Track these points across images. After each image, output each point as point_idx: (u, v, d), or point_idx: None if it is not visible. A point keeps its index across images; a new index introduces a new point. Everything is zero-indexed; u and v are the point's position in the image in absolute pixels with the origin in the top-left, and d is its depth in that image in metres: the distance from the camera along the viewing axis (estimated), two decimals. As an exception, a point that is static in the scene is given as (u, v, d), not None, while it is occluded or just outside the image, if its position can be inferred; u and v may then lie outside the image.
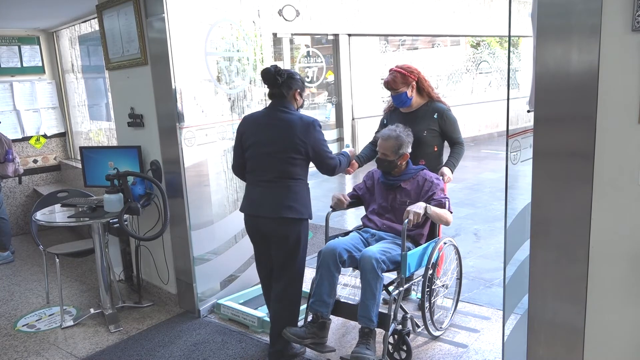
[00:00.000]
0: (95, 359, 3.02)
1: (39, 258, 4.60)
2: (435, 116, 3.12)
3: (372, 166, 3.18)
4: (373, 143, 3.33)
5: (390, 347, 2.74)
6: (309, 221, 2.81)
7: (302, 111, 2.85)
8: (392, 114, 3.28)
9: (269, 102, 3.22)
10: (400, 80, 3.07)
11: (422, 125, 3.10)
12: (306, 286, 3.00)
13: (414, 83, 3.10)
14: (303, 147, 2.64)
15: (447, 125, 3.13)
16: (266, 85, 2.75)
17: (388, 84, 3.11)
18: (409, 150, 2.96)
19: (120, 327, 3.36)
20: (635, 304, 1.52)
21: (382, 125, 3.32)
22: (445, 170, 3.10)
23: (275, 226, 2.71)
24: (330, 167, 2.76)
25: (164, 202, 3.33)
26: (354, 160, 3.27)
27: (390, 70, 3.12)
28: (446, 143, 3.23)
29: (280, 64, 8.69)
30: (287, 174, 2.68)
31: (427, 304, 2.87)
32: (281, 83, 2.69)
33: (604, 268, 1.55)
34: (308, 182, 2.80)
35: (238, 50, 3.61)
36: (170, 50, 3.16)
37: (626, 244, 1.51)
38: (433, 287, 2.93)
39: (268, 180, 2.71)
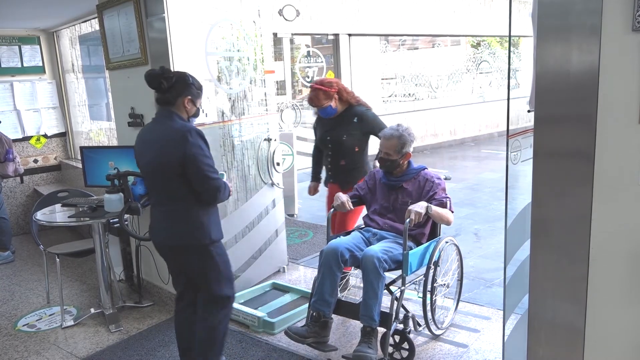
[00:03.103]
0: (95, 358, 3.02)
1: (40, 258, 4.60)
2: (355, 120, 3.35)
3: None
4: (317, 155, 3.66)
5: (390, 347, 2.75)
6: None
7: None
8: (319, 121, 3.52)
9: (268, 103, 3.14)
10: (322, 97, 3.31)
11: (342, 130, 3.34)
12: (307, 286, 3.00)
13: (336, 95, 3.32)
14: (180, 164, 2.26)
15: (367, 124, 3.35)
16: (153, 90, 2.39)
17: (312, 102, 3.35)
18: (411, 149, 2.97)
19: (120, 326, 3.36)
20: (635, 304, 1.52)
21: (314, 129, 3.61)
22: None
23: (172, 254, 2.47)
24: (210, 187, 2.31)
25: (164, 202, 3.31)
26: (313, 183, 3.68)
27: (312, 87, 3.35)
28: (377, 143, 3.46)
29: (280, 64, 8.69)
30: (174, 196, 2.35)
31: (428, 303, 2.88)
32: (167, 88, 2.34)
33: (604, 268, 1.55)
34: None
35: (238, 50, 3.61)
36: (171, 50, 3.16)
37: (626, 244, 1.51)
38: (434, 286, 2.93)
39: (158, 204, 2.44)
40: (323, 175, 3.68)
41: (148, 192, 2.51)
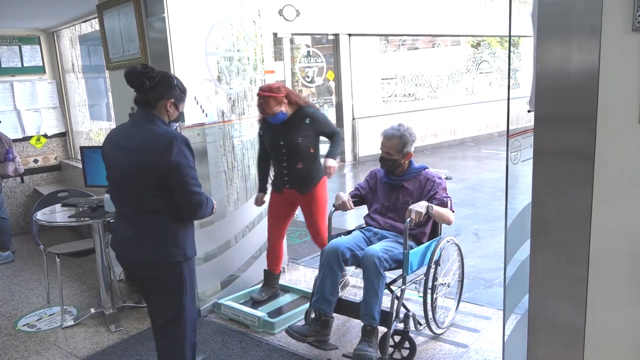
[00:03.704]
0: (95, 358, 3.02)
1: (40, 258, 4.60)
2: (307, 121, 3.28)
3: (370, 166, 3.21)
4: (263, 165, 3.50)
5: (391, 347, 2.75)
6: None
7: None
8: (267, 126, 3.35)
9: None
10: (273, 103, 3.17)
11: (296, 133, 3.25)
12: (307, 285, 3.00)
13: (285, 99, 3.22)
14: (162, 173, 2.08)
15: (319, 125, 3.32)
16: (133, 89, 2.18)
17: (263, 110, 3.19)
18: (413, 149, 2.97)
19: (120, 326, 3.36)
20: (635, 304, 1.52)
21: (260, 136, 3.45)
22: (330, 161, 3.27)
23: (140, 270, 2.27)
24: (192, 202, 2.14)
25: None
26: (261, 193, 3.51)
27: (261, 95, 3.18)
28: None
29: (280, 64, 8.65)
30: (148, 207, 2.15)
31: (429, 302, 2.88)
32: (149, 88, 2.14)
33: (604, 268, 1.55)
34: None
35: (238, 50, 3.61)
36: (171, 50, 3.16)
37: (626, 244, 1.51)
38: (435, 285, 2.94)
39: (128, 215, 2.23)
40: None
41: (114, 200, 2.29)
